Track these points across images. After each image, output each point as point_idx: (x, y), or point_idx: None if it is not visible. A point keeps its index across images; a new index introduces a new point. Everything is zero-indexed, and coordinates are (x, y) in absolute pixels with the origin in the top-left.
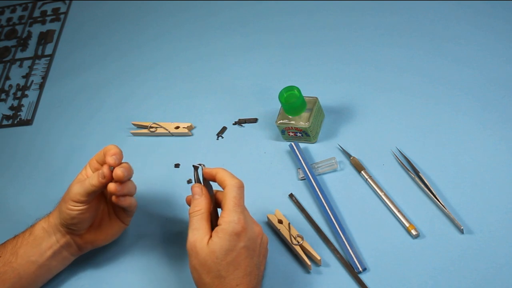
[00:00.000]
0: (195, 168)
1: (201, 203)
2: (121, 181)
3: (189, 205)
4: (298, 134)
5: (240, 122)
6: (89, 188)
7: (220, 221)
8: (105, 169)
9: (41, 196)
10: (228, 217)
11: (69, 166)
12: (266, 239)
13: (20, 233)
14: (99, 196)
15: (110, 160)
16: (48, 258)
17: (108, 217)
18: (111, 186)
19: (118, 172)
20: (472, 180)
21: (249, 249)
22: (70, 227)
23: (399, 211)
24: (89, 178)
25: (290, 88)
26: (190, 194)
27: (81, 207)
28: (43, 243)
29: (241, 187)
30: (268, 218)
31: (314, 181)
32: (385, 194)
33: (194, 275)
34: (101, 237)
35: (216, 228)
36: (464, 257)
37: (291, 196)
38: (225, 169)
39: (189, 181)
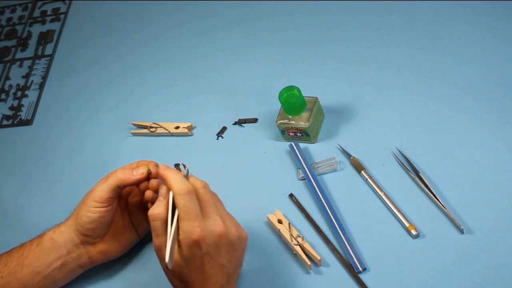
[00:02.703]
0: (176, 166)
1: (161, 207)
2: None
3: (148, 200)
4: (298, 134)
5: (240, 122)
6: (114, 182)
7: (179, 230)
8: (144, 168)
9: (41, 196)
10: (182, 227)
11: (69, 166)
12: (233, 235)
13: (27, 242)
14: (117, 202)
15: (153, 169)
16: (55, 269)
17: (123, 227)
18: (149, 193)
19: (154, 183)
20: (472, 180)
21: (210, 254)
22: (87, 233)
23: (399, 211)
24: (116, 173)
25: (290, 88)
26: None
27: (102, 207)
28: (51, 254)
29: (188, 192)
30: (268, 218)
31: (314, 181)
32: (385, 194)
33: (166, 275)
34: (114, 247)
35: (178, 238)
36: (464, 257)
37: (291, 196)
38: (176, 171)
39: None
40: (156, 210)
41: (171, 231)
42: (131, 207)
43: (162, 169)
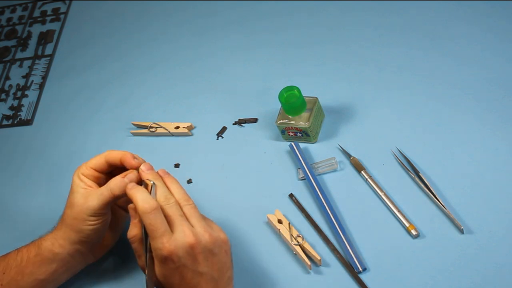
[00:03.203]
0: (143, 183)
1: (137, 228)
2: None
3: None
4: (298, 134)
5: (240, 122)
6: (111, 198)
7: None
8: (134, 176)
9: (41, 196)
10: (152, 245)
11: (69, 166)
12: (207, 241)
13: (23, 248)
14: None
15: (137, 163)
16: (60, 274)
17: (114, 215)
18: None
19: (149, 176)
20: (472, 180)
21: (187, 266)
22: (94, 240)
23: (399, 211)
24: (111, 188)
25: (290, 88)
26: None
27: (103, 219)
28: (54, 264)
29: (153, 210)
30: (268, 218)
31: (314, 181)
32: (385, 194)
33: None
34: (113, 236)
35: (152, 256)
36: (464, 257)
37: (291, 196)
38: (141, 189)
39: (189, 181)
40: (132, 232)
41: (147, 254)
42: None
43: (128, 189)
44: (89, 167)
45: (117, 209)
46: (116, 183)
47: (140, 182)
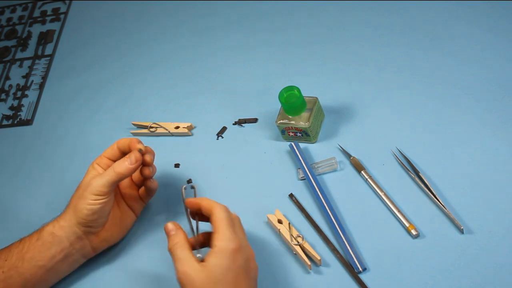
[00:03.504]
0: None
1: (179, 236)
2: (149, 165)
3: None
4: (298, 134)
5: (240, 122)
6: (113, 177)
7: (214, 242)
8: (137, 154)
9: (41, 196)
10: (223, 236)
11: (69, 166)
12: (256, 265)
13: (26, 236)
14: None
15: (141, 146)
16: (58, 261)
17: (120, 211)
18: (147, 171)
19: (148, 158)
20: (472, 180)
21: (245, 270)
22: (90, 224)
23: (399, 211)
24: (114, 167)
25: (290, 88)
26: (189, 197)
27: (102, 200)
28: (53, 248)
29: (228, 210)
30: (268, 218)
31: (314, 181)
32: (385, 194)
33: None
34: (115, 232)
35: (212, 250)
36: (464, 257)
37: (291, 196)
38: (208, 198)
39: (189, 181)
40: (176, 239)
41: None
42: (123, 188)
43: (193, 199)
44: (103, 156)
45: (126, 208)
46: (118, 162)
47: (140, 163)
